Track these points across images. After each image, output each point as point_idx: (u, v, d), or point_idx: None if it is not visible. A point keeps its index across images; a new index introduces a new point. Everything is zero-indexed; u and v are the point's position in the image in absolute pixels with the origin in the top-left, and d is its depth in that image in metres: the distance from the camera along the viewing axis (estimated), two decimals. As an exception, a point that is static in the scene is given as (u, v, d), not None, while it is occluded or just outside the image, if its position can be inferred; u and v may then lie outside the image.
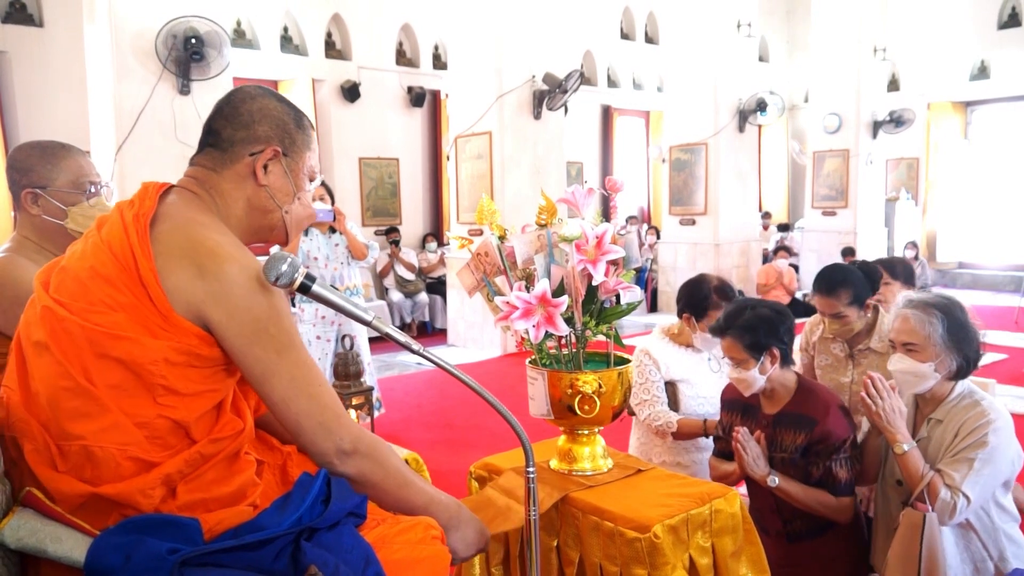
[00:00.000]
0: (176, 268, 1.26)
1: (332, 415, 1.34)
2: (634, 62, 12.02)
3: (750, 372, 2.25)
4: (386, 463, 1.41)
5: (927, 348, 2.07)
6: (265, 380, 1.30)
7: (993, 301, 10.20)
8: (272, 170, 1.41)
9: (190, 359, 1.26)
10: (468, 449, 4.42)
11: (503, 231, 1.93)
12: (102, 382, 1.23)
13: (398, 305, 8.83)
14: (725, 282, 2.75)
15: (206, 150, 1.43)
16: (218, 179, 1.40)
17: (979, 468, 1.98)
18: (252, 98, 1.42)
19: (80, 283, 1.27)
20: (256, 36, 8.56)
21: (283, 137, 1.42)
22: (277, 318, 1.30)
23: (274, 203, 1.43)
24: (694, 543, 1.75)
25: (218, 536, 1.24)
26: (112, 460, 1.22)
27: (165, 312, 1.24)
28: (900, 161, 12.48)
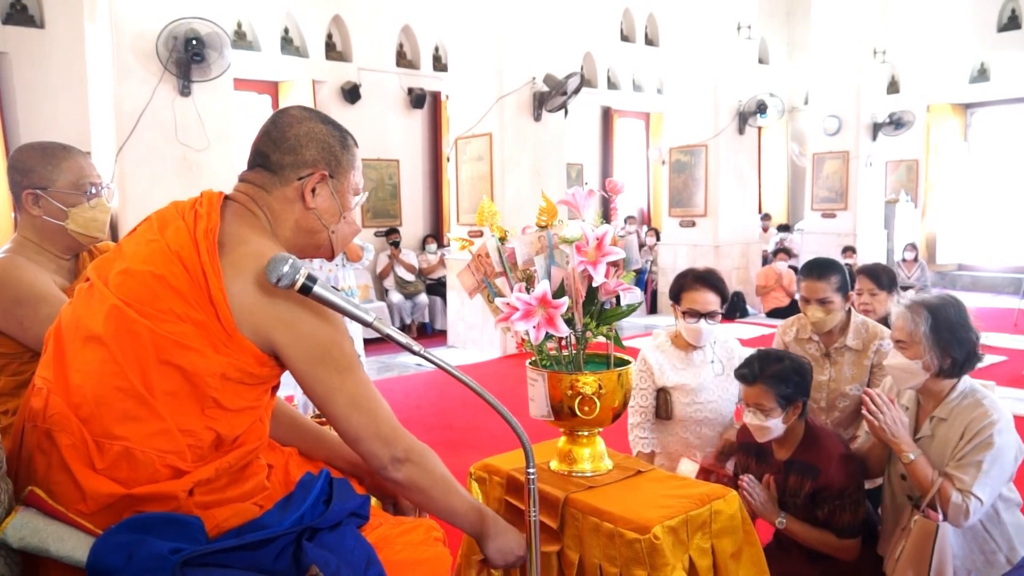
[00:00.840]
0: (247, 289, 1.31)
1: (388, 428, 1.42)
2: (634, 64, 12.04)
3: (772, 421, 2.28)
4: (434, 471, 1.49)
5: (913, 345, 2.11)
6: (327, 398, 1.38)
7: (993, 303, 10.20)
8: (320, 193, 1.45)
9: (244, 376, 1.32)
10: (468, 450, 4.43)
11: (503, 232, 1.93)
12: (159, 388, 1.27)
13: (398, 306, 8.84)
14: (713, 271, 2.77)
15: (256, 169, 1.46)
16: (269, 199, 1.44)
17: (987, 469, 2.01)
18: (299, 122, 1.45)
19: (150, 290, 1.30)
20: (257, 37, 8.56)
21: (329, 160, 1.45)
22: (340, 342, 1.38)
23: (321, 224, 1.47)
24: (694, 544, 1.76)
25: (220, 536, 1.25)
26: (152, 465, 1.25)
27: (230, 331, 1.29)
28: (900, 163, 12.49)
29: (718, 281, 2.70)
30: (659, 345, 2.80)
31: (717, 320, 2.68)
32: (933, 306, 2.12)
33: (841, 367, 2.84)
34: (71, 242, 1.98)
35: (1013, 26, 11.48)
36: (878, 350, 2.80)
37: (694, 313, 2.65)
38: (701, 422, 2.72)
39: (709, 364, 2.75)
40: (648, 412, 2.76)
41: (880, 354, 2.80)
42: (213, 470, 1.30)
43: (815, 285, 2.80)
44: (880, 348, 2.81)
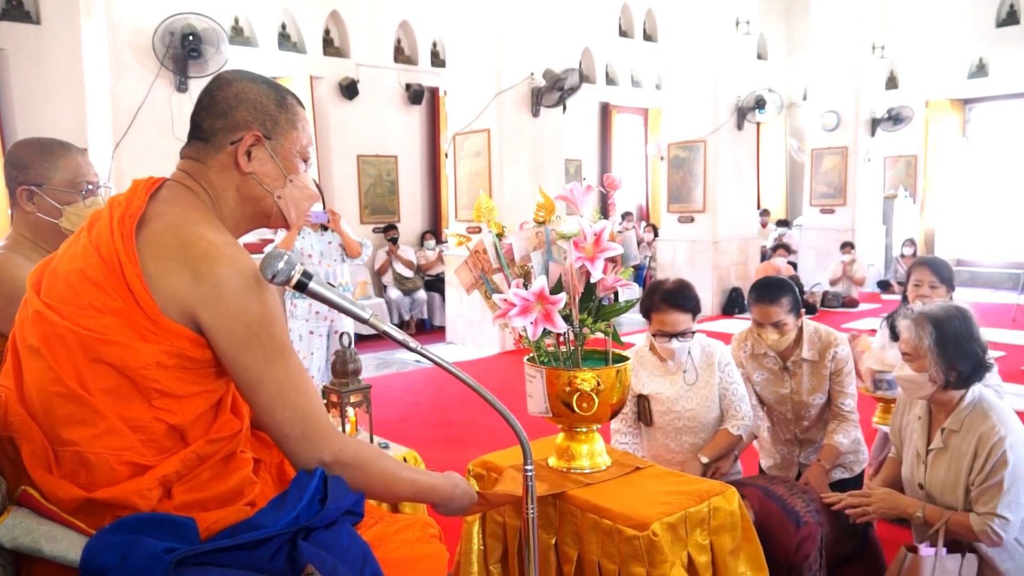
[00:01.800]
0: (169, 271, 1.23)
1: (315, 426, 1.32)
2: (632, 59, 12.01)
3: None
4: (368, 470, 1.39)
5: (920, 359, 2.13)
6: (252, 386, 1.28)
7: (991, 298, 10.21)
8: (256, 156, 1.37)
9: (182, 361, 1.25)
10: (466, 447, 4.42)
11: (501, 228, 1.92)
12: (96, 387, 1.21)
13: (396, 303, 8.83)
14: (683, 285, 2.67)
15: (192, 142, 1.40)
16: (206, 170, 1.37)
17: (1008, 487, 2.02)
18: (228, 84, 1.38)
19: (70, 286, 1.25)
20: (254, 33, 8.54)
21: (264, 120, 1.37)
22: (269, 324, 1.28)
23: (263, 189, 1.38)
24: (692, 541, 1.75)
25: (214, 535, 1.23)
26: (106, 465, 1.21)
27: (154, 316, 1.22)
28: (898, 159, 12.48)
29: (687, 299, 2.60)
30: (638, 351, 2.75)
31: (690, 338, 2.61)
32: (938, 319, 2.13)
33: (800, 378, 2.85)
34: (64, 240, 1.97)
35: (1012, 22, 11.46)
36: (834, 357, 2.81)
37: (665, 334, 2.60)
38: (680, 430, 2.68)
39: (685, 372, 2.68)
40: (628, 418, 2.74)
41: (837, 361, 2.81)
42: (179, 463, 1.24)
43: (767, 310, 2.76)
44: (836, 355, 2.81)
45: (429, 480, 1.51)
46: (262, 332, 1.27)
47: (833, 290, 9.80)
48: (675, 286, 2.64)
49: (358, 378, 2.39)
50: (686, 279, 2.72)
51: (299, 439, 1.31)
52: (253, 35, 8.53)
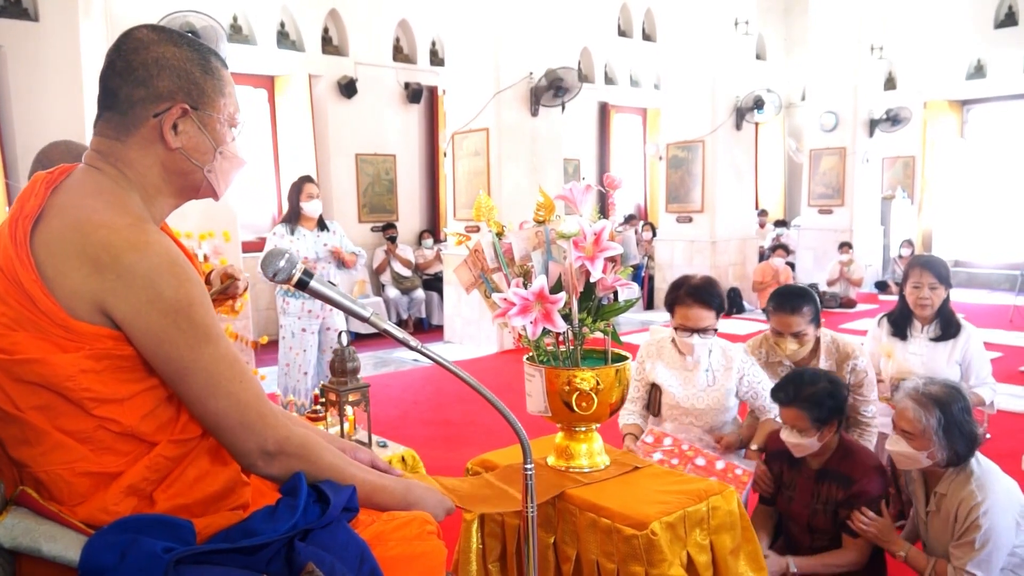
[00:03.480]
0: (70, 269, 1.12)
1: (255, 414, 1.23)
2: (631, 59, 12.01)
3: (809, 440, 2.38)
4: (318, 461, 1.31)
5: (920, 438, 2.21)
6: (179, 379, 1.18)
7: (988, 299, 10.22)
8: (184, 129, 1.25)
9: (112, 362, 1.15)
10: (464, 446, 4.42)
11: (501, 227, 1.92)
12: (27, 405, 1.13)
13: (394, 302, 8.82)
14: (709, 282, 2.66)
15: (105, 115, 1.25)
16: (123, 148, 1.24)
17: (979, 548, 2.13)
18: (146, 47, 1.23)
19: None
20: (252, 31, 8.52)
21: (190, 89, 1.24)
22: (188, 309, 1.16)
23: (192, 164, 1.27)
24: (692, 540, 1.75)
25: (209, 539, 1.23)
26: (62, 480, 1.14)
27: (63, 322, 1.12)
28: (896, 159, 12.49)
29: (712, 296, 2.60)
30: (659, 341, 2.77)
31: (711, 335, 2.61)
32: (943, 402, 2.21)
33: None
34: None
35: (1010, 23, 11.47)
36: (854, 370, 2.80)
37: (687, 329, 2.60)
38: (687, 426, 2.67)
39: (703, 372, 2.67)
40: (639, 402, 2.74)
41: (857, 373, 2.80)
42: (146, 469, 1.18)
43: (789, 320, 2.76)
44: (855, 367, 2.81)
45: (380, 480, 1.42)
46: (180, 318, 1.15)
47: (831, 291, 9.82)
48: (701, 282, 2.65)
49: (356, 377, 2.39)
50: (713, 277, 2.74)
51: (238, 428, 1.21)
52: (252, 33, 8.52)
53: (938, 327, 3.16)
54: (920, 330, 3.19)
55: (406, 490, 1.44)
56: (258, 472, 1.28)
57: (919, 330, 3.19)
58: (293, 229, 4.72)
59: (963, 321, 3.21)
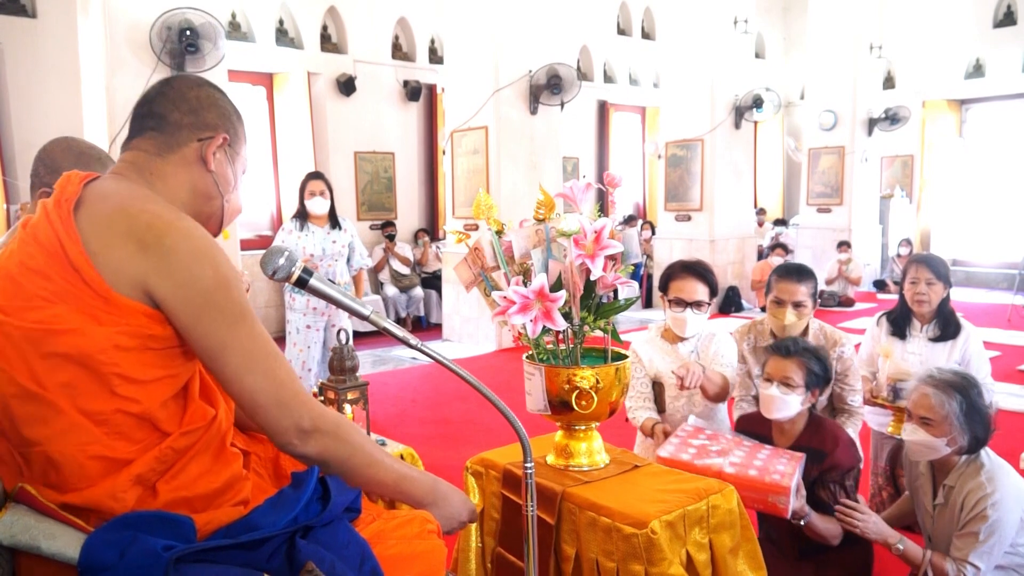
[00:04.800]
0: (115, 246, 1.19)
1: (290, 392, 1.26)
2: (630, 58, 12.01)
3: (793, 398, 2.37)
4: (351, 441, 1.33)
5: (942, 425, 2.20)
6: (216, 355, 1.22)
7: (986, 299, 10.24)
8: (218, 158, 1.38)
9: (143, 341, 1.19)
10: (464, 444, 4.42)
11: (500, 225, 1.92)
12: (51, 382, 1.16)
13: (393, 300, 8.82)
14: (700, 262, 2.76)
15: (147, 134, 1.36)
16: (161, 163, 1.34)
17: (983, 540, 2.12)
18: (198, 86, 1.40)
19: (12, 280, 1.20)
20: (251, 28, 8.51)
21: (228, 127, 1.40)
22: (226, 288, 1.22)
23: (218, 190, 1.39)
24: (691, 539, 1.75)
25: (210, 535, 1.22)
26: (74, 463, 1.16)
27: (104, 294, 1.17)
28: (895, 159, 12.50)
29: (706, 271, 2.69)
30: (648, 339, 2.80)
31: (704, 311, 2.66)
32: (962, 386, 2.22)
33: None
34: None
35: (1008, 22, 11.48)
36: (840, 357, 2.80)
37: (680, 302, 2.64)
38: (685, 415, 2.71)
39: (688, 354, 2.71)
40: (647, 397, 2.74)
41: (843, 361, 2.80)
42: (154, 460, 1.20)
43: (793, 287, 2.78)
44: (842, 355, 2.81)
45: (410, 470, 1.45)
46: (219, 296, 1.21)
47: (829, 289, 9.82)
48: (695, 260, 2.77)
49: (355, 375, 2.38)
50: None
51: (274, 406, 1.24)
52: (250, 30, 8.50)
53: (937, 327, 3.15)
54: (919, 330, 3.19)
55: (434, 483, 1.46)
56: (293, 451, 1.29)
57: (918, 330, 3.19)
58: (303, 225, 4.72)
59: (963, 321, 3.20)
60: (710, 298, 2.68)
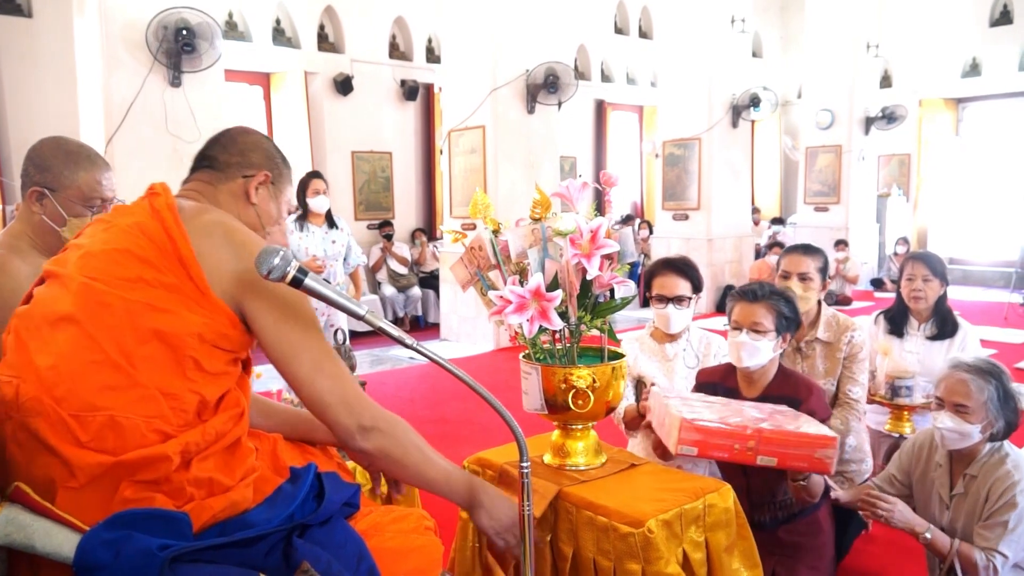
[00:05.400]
0: (216, 252, 1.35)
1: (353, 394, 1.41)
2: (628, 57, 12.01)
3: (764, 343, 2.29)
4: (405, 440, 1.46)
5: (979, 411, 2.17)
6: (293, 357, 1.38)
7: (983, 297, 10.25)
8: (261, 193, 1.55)
9: (218, 338, 1.33)
10: (461, 444, 4.42)
11: (497, 225, 1.92)
12: (137, 355, 1.28)
13: (391, 299, 8.81)
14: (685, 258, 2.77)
15: (201, 173, 1.54)
16: (215, 192, 1.52)
17: (1013, 527, 2.09)
18: (247, 133, 1.59)
19: (116, 263, 1.33)
20: (248, 28, 8.50)
21: (272, 167, 1.56)
22: (303, 302, 1.41)
23: (260, 223, 1.55)
24: (688, 538, 1.75)
25: (206, 532, 1.23)
26: (138, 430, 1.25)
27: (203, 289, 1.32)
28: (892, 157, 12.52)
29: (687, 267, 2.70)
30: (639, 337, 2.80)
31: (686, 306, 2.65)
32: (995, 372, 2.21)
33: (813, 361, 2.82)
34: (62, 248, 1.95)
35: (1005, 21, 11.50)
36: (850, 342, 2.78)
37: (662, 298, 2.65)
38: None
39: (681, 353, 2.70)
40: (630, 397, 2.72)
41: (852, 345, 2.78)
42: (200, 434, 1.30)
43: (799, 259, 2.82)
44: (852, 340, 2.79)
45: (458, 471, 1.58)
46: (296, 307, 1.40)
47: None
48: (677, 256, 2.78)
49: (353, 374, 2.38)
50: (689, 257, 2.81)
51: (340, 405, 1.39)
52: (247, 30, 8.50)
53: (934, 325, 3.16)
54: (917, 328, 3.19)
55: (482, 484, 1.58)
56: (354, 446, 1.42)
57: (916, 328, 3.19)
58: (303, 225, 4.72)
59: (960, 319, 3.20)
60: (693, 293, 2.68)
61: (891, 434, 3.10)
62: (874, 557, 2.93)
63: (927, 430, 2.44)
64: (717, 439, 1.87)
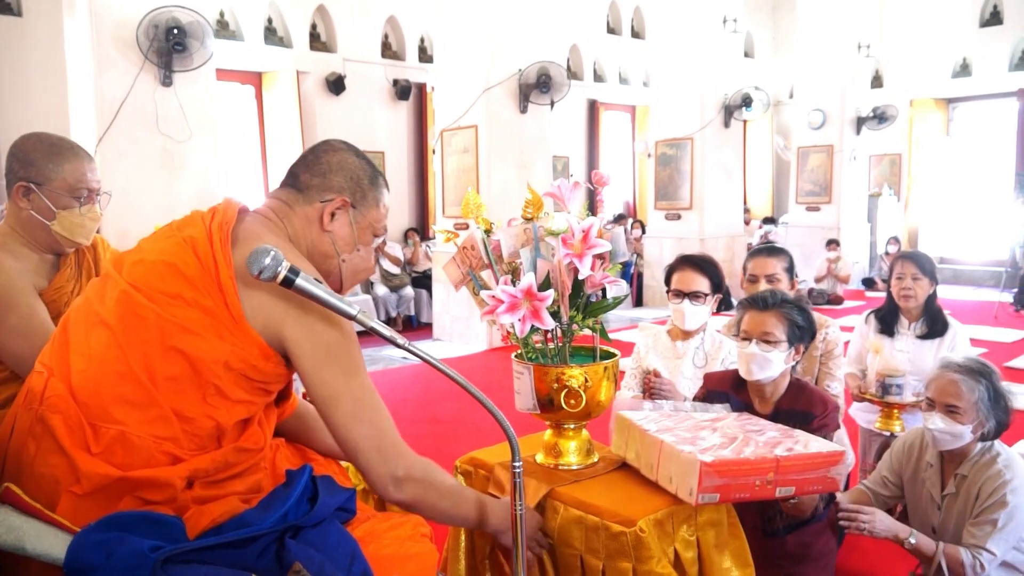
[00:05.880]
0: (262, 285, 1.30)
1: (389, 442, 1.40)
2: (620, 57, 12.03)
3: (775, 354, 2.17)
4: (440, 486, 1.48)
5: (969, 411, 2.16)
6: (331, 402, 1.35)
7: (973, 296, 10.31)
8: (339, 219, 1.48)
9: (247, 368, 1.32)
10: (453, 443, 4.42)
11: (489, 225, 1.92)
12: (160, 373, 1.27)
13: (383, 299, 8.80)
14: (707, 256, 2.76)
15: (285, 189, 1.51)
16: (292, 215, 1.47)
17: (1002, 526, 2.10)
18: (334, 151, 1.51)
19: (160, 276, 1.32)
20: (240, 27, 8.47)
21: (355, 190, 1.49)
22: (348, 345, 1.38)
23: (334, 250, 1.49)
24: (679, 536, 1.76)
25: (201, 534, 1.23)
26: (147, 450, 1.25)
27: (237, 318, 1.30)
28: (883, 157, 12.57)
29: (706, 264, 2.68)
30: (655, 332, 2.82)
31: (703, 303, 2.63)
32: (986, 372, 2.21)
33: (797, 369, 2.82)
34: (53, 242, 1.94)
35: (995, 21, 11.56)
36: (825, 339, 2.79)
37: (678, 293, 2.65)
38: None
39: (692, 352, 2.69)
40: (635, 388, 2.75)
41: (828, 343, 2.79)
42: (210, 461, 1.29)
43: (765, 261, 2.82)
44: (827, 337, 2.79)
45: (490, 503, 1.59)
46: (341, 349, 1.37)
47: (818, 287, 9.88)
48: (699, 254, 2.75)
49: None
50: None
51: (373, 454, 1.38)
52: (239, 29, 8.47)
53: (925, 324, 3.17)
54: (907, 327, 3.21)
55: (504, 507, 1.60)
56: (388, 497, 1.43)
57: (906, 327, 3.21)
58: None
59: (950, 319, 3.22)
60: (711, 290, 2.66)
61: (881, 432, 3.12)
62: (867, 554, 2.95)
63: (917, 429, 2.44)
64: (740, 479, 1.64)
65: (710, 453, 1.66)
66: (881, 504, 2.45)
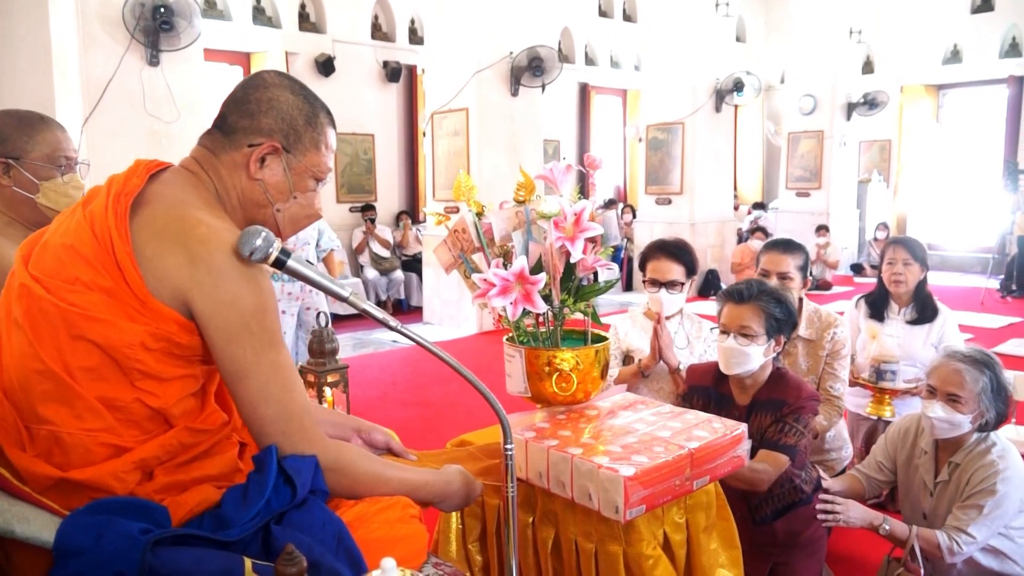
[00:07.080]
0: (165, 252, 1.21)
1: (297, 426, 1.29)
2: (612, 40, 11.96)
3: (754, 348, 2.17)
4: (353, 472, 1.36)
5: (971, 401, 2.17)
6: (238, 379, 1.25)
7: (961, 282, 10.39)
8: (269, 165, 1.35)
9: (168, 346, 1.22)
10: (444, 426, 4.43)
11: (480, 208, 1.91)
12: (76, 365, 1.19)
13: (373, 283, 8.78)
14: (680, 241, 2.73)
15: (212, 132, 1.37)
16: (217, 163, 1.35)
17: (987, 512, 2.11)
18: (265, 86, 1.36)
19: (59, 260, 1.23)
20: (228, 7, 8.35)
21: (288, 133, 1.35)
22: (262, 315, 1.25)
23: (267, 199, 1.37)
24: (669, 519, 1.77)
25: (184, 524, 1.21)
26: (82, 446, 1.18)
27: (142, 296, 1.19)
28: (873, 143, 12.61)
29: (681, 251, 2.66)
30: (631, 315, 2.83)
31: (679, 290, 2.64)
32: (988, 362, 2.21)
33: (796, 358, 2.81)
34: (40, 216, 1.92)
35: (986, 8, 11.57)
36: (833, 339, 2.78)
37: (655, 283, 2.64)
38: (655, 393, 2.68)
39: (672, 333, 2.68)
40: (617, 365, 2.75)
41: (835, 342, 2.78)
42: (159, 447, 1.22)
43: (779, 257, 2.79)
44: (835, 337, 2.78)
45: (420, 477, 1.48)
46: (254, 322, 1.24)
47: (807, 273, 9.92)
48: (672, 239, 2.72)
49: (335, 358, 2.37)
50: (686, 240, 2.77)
51: (279, 437, 1.28)
52: (227, 8, 8.35)
53: (915, 310, 3.19)
54: (897, 312, 3.22)
55: (446, 484, 1.51)
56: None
57: (896, 312, 3.22)
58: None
59: (940, 305, 3.24)
60: (687, 277, 2.66)
61: (870, 417, 3.14)
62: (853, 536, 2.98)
63: (912, 415, 2.45)
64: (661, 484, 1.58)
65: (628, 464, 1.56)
66: (874, 488, 2.47)
